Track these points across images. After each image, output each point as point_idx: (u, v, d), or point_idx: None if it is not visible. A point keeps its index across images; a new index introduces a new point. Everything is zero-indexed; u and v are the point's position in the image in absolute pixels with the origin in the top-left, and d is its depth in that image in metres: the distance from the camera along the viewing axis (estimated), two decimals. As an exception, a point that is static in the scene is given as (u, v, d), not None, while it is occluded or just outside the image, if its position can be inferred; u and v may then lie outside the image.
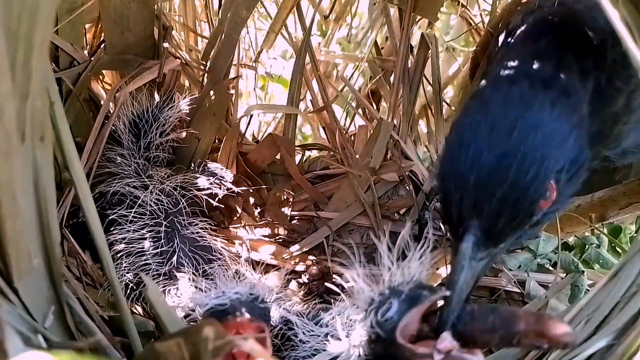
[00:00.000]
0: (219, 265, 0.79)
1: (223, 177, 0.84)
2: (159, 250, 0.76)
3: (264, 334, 0.48)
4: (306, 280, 0.84)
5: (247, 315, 0.51)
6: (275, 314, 0.63)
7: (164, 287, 0.74)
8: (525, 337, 0.40)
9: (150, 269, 0.75)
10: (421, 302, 0.43)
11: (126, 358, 0.49)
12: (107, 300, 0.69)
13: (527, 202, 0.44)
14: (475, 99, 0.50)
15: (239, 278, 0.65)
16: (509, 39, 0.65)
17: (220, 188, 0.83)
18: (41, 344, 0.38)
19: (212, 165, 0.86)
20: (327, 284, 0.80)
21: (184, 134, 0.87)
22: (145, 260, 0.75)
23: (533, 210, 0.45)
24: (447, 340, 0.41)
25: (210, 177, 0.83)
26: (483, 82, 0.54)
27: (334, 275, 0.83)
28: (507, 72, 0.54)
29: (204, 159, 0.91)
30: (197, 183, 0.83)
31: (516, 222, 0.45)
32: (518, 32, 0.63)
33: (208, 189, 0.82)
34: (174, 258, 0.76)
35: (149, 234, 0.76)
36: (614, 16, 0.35)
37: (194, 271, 0.76)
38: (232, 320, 0.50)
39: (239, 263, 0.82)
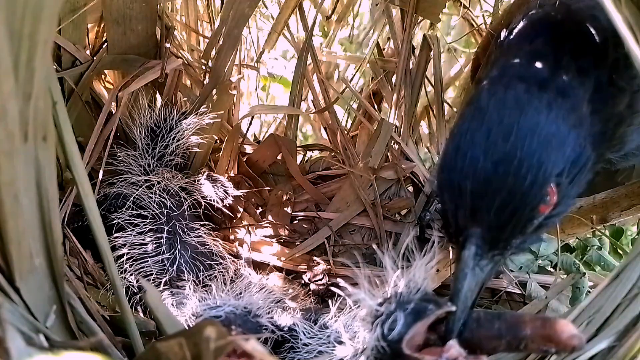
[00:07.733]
0: (220, 271, 0.78)
1: (226, 186, 0.85)
2: (160, 257, 0.75)
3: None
4: (308, 281, 0.84)
5: (240, 330, 0.52)
6: (275, 318, 0.63)
7: (165, 298, 0.74)
8: (532, 342, 0.39)
9: (151, 278, 0.74)
10: (427, 316, 0.43)
11: (127, 358, 0.49)
12: (108, 300, 0.69)
13: (526, 208, 0.44)
14: (471, 106, 0.50)
15: (238, 280, 0.65)
16: (507, 40, 0.64)
17: (223, 199, 0.83)
18: (43, 344, 0.38)
19: (215, 175, 0.87)
20: (330, 287, 0.80)
21: (196, 139, 0.87)
22: (146, 266, 0.74)
23: (533, 215, 0.45)
24: (454, 349, 0.41)
25: (214, 185, 0.83)
26: (479, 86, 0.54)
27: (336, 276, 0.83)
28: (502, 75, 0.53)
29: (205, 159, 0.91)
30: (200, 187, 0.83)
31: (517, 228, 0.44)
32: (516, 32, 0.63)
33: (211, 196, 0.82)
34: (175, 266, 0.76)
35: (151, 239, 0.76)
36: (617, 17, 0.35)
37: (195, 279, 0.75)
38: None
39: (239, 264, 0.82)
